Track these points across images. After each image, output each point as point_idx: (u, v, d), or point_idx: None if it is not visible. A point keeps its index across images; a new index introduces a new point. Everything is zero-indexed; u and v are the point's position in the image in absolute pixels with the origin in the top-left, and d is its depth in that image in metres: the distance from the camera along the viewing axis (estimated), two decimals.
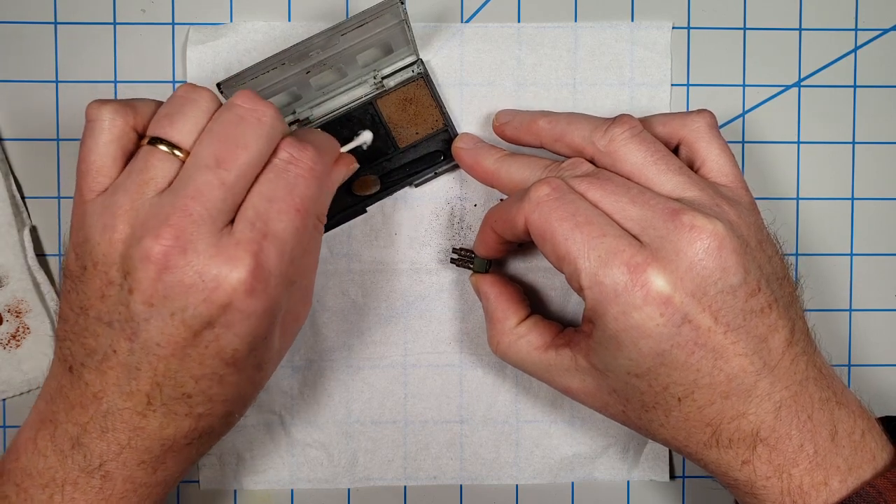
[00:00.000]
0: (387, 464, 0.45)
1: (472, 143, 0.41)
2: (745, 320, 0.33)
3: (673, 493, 0.46)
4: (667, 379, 0.33)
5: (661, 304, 0.32)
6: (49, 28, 0.44)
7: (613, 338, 0.33)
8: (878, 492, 0.32)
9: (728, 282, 0.32)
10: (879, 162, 0.46)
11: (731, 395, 0.33)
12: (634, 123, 0.36)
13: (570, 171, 0.36)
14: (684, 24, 0.45)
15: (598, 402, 0.37)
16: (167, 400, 0.33)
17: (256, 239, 0.32)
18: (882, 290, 0.46)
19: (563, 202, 0.34)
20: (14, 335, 0.44)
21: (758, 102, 0.45)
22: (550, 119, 0.39)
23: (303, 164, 0.34)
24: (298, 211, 0.33)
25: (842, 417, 0.34)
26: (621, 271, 0.32)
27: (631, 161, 0.36)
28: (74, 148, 0.44)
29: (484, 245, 0.40)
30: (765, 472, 0.33)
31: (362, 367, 0.45)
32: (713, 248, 0.32)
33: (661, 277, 0.32)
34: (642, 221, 0.33)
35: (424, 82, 0.44)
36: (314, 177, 0.34)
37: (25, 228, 0.43)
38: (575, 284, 0.34)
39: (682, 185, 0.35)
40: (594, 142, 0.37)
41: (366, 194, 0.44)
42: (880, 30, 0.45)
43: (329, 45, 0.38)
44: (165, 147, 0.33)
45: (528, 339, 0.39)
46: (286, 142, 0.34)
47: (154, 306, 0.31)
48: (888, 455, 0.34)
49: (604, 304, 0.33)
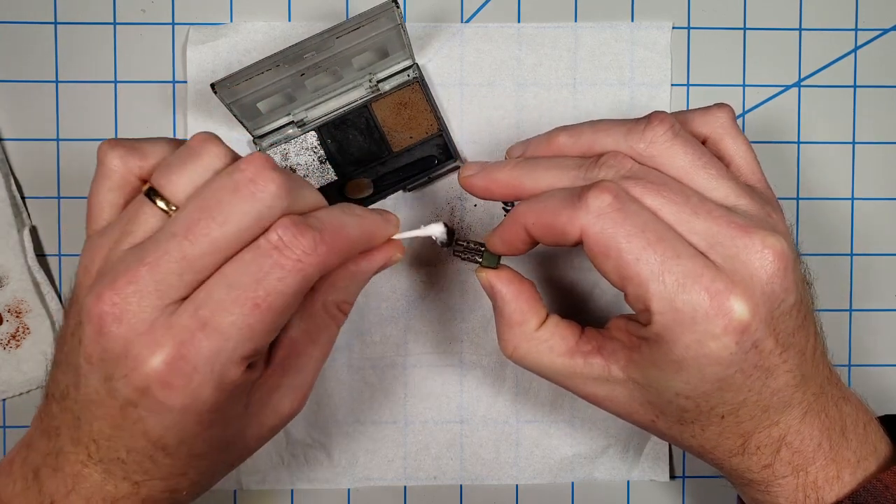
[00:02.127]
0: (387, 464, 0.45)
1: (479, 166, 0.36)
2: (794, 336, 0.32)
3: (673, 493, 0.46)
4: (717, 400, 0.32)
5: (740, 333, 0.30)
6: (49, 28, 0.44)
7: (676, 362, 0.31)
8: (884, 486, 0.33)
9: (788, 302, 0.31)
10: (879, 162, 0.46)
11: (771, 408, 0.32)
12: (673, 121, 0.33)
13: (615, 169, 0.33)
14: (684, 24, 0.45)
15: (624, 410, 0.35)
16: (104, 458, 0.31)
17: (191, 328, 0.28)
18: (882, 290, 0.46)
19: (627, 214, 0.31)
20: (14, 335, 0.44)
21: (758, 102, 0.45)
22: (571, 132, 0.35)
23: (290, 253, 0.29)
24: (258, 306, 0.29)
25: (849, 412, 0.34)
26: (702, 298, 0.30)
27: (677, 165, 0.33)
28: (74, 148, 0.44)
29: (506, 243, 0.35)
30: (783, 472, 0.33)
31: (362, 367, 0.45)
32: (781, 270, 0.31)
33: (743, 305, 0.30)
34: (709, 237, 0.31)
35: (420, 87, 0.44)
36: (299, 270, 0.29)
37: (25, 228, 0.43)
38: (639, 306, 0.31)
39: (733, 193, 0.33)
40: (632, 146, 0.33)
41: (358, 198, 0.44)
42: (880, 30, 0.45)
43: (324, 48, 0.38)
44: (160, 201, 0.30)
45: (551, 343, 0.35)
46: (282, 223, 0.30)
47: (93, 365, 0.29)
48: (887, 447, 0.35)
49: (676, 332, 0.30)
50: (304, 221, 0.30)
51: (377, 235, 0.34)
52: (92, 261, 0.31)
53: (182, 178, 0.30)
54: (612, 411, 0.36)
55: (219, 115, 0.44)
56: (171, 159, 0.31)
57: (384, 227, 0.34)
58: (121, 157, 0.32)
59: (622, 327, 0.34)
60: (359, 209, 0.34)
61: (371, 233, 0.34)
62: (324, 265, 0.30)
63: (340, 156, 0.44)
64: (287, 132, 0.43)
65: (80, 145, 0.44)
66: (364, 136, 0.44)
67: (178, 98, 0.44)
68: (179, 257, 0.29)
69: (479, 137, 0.44)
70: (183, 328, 0.29)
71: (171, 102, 0.44)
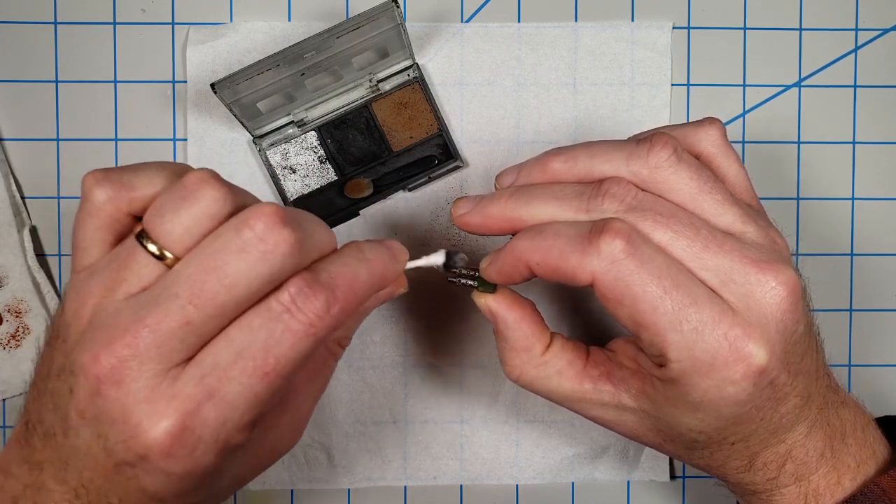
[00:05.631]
0: (387, 464, 0.45)
1: (471, 202, 0.34)
2: (802, 361, 0.32)
3: (673, 493, 0.46)
4: (730, 431, 0.32)
5: (758, 376, 0.30)
6: (49, 28, 0.44)
7: (692, 404, 0.31)
8: (882, 490, 0.33)
9: (799, 332, 0.31)
10: (879, 162, 0.46)
11: (779, 430, 0.32)
12: (676, 144, 0.32)
13: (619, 199, 0.31)
14: (684, 24, 0.45)
15: (632, 433, 0.35)
16: (93, 502, 0.29)
17: (196, 398, 0.27)
18: (882, 290, 0.46)
19: (641, 260, 0.29)
20: (14, 335, 0.44)
21: (758, 102, 0.45)
22: (566, 157, 0.33)
23: (302, 317, 0.27)
24: (267, 375, 0.27)
25: (848, 416, 0.34)
26: (721, 346, 0.29)
27: (682, 191, 0.31)
28: (74, 148, 0.44)
29: (503, 276, 0.33)
30: (786, 482, 0.33)
31: (362, 367, 0.45)
32: (794, 304, 0.30)
33: (761, 350, 0.29)
34: (721, 273, 0.30)
35: (420, 86, 0.44)
36: (311, 335, 0.28)
37: (25, 228, 0.43)
38: (654, 351, 0.30)
39: (739, 219, 0.31)
40: (635, 172, 0.31)
41: (358, 197, 0.44)
42: (880, 30, 0.45)
43: (324, 48, 0.38)
44: (151, 244, 0.28)
45: (558, 368, 0.34)
46: (295, 283, 0.28)
47: (85, 419, 0.28)
48: (885, 450, 0.35)
49: (693, 378, 0.30)
50: (316, 281, 0.28)
51: (387, 278, 0.32)
52: (82, 304, 0.28)
53: (176, 225, 0.28)
54: (619, 433, 0.35)
55: (219, 115, 0.44)
56: (164, 201, 0.28)
57: (393, 267, 0.32)
58: (108, 194, 0.29)
59: (630, 356, 0.34)
60: (368, 249, 0.31)
61: (382, 277, 0.31)
62: (336, 325, 0.28)
63: (340, 156, 0.44)
64: (287, 132, 0.43)
65: (80, 145, 0.44)
66: (364, 135, 0.44)
67: (178, 98, 0.44)
68: (183, 322, 0.27)
69: (479, 137, 0.44)
70: (187, 398, 0.27)
71: (171, 102, 0.44)
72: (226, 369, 0.27)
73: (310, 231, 0.29)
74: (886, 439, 0.35)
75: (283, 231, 0.27)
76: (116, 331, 0.27)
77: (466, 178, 0.44)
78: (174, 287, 0.27)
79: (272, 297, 0.28)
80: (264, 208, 0.27)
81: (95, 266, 0.29)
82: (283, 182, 0.44)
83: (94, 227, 0.29)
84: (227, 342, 0.27)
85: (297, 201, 0.44)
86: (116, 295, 0.28)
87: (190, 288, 0.27)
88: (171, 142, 0.44)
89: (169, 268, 0.28)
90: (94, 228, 0.29)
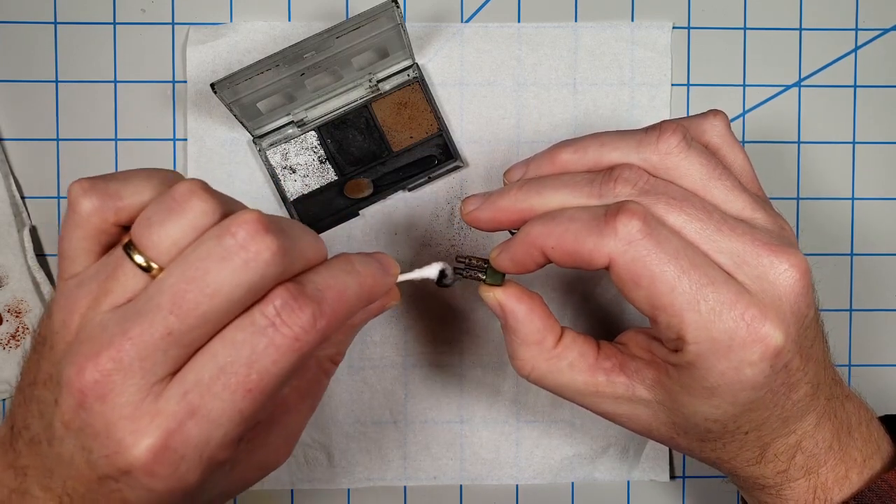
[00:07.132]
0: (387, 464, 0.45)
1: (479, 199, 0.34)
2: (813, 347, 0.32)
3: (673, 493, 0.46)
4: (744, 420, 0.32)
5: (775, 357, 0.30)
6: (49, 28, 0.44)
7: (709, 388, 0.30)
8: (889, 486, 0.33)
9: (810, 317, 0.31)
10: (879, 162, 0.46)
11: (790, 419, 0.32)
12: (685, 131, 0.32)
13: (632, 182, 0.31)
14: (684, 24, 0.45)
15: (644, 428, 0.34)
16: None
17: (179, 415, 0.26)
18: (882, 290, 0.46)
19: (658, 240, 0.29)
20: (14, 335, 0.44)
21: (758, 102, 0.45)
22: (575, 147, 0.33)
23: (287, 330, 0.27)
24: (250, 391, 0.27)
25: (852, 410, 0.35)
26: (738, 326, 0.29)
27: (692, 177, 0.31)
28: (74, 148, 0.44)
29: (517, 264, 0.33)
30: (796, 475, 0.33)
31: (362, 367, 0.45)
32: (805, 287, 0.30)
33: (777, 330, 0.29)
34: (735, 256, 0.30)
35: (420, 86, 0.44)
36: (296, 350, 0.27)
37: (25, 228, 0.43)
38: (671, 334, 0.30)
39: (748, 206, 0.32)
40: (645, 158, 0.32)
41: (358, 197, 0.44)
42: (880, 30, 0.45)
43: (324, 48, 0.38)
44: (138, 255, 0.27)
45: (570, 361, 0.34)
46: (279, 294, 0.27)
47: (70, 431, 0.27)
48: (889, 446, 0.35)
49: (711, 360, 0.30)
50: (302, 293, 0.27)
51: (377, 292, 0.31)
52: (70, 314, 0.28)
53: (163, 237, 0.27)
54: (630, 428, 0.35)
55: (219, 115, 0.44)
56: (151, 212, 0.28)
57: (384, 281, 0.32)
58: (94, 205, 0.29)
59: (643, 346, 0.34)
60: (358, 262, 0.31)
61: (371, 290, 0.31)
62: (322, 340, 0.28)
63: (340, 156, 0.44)
64: (287, 132, 0.43)
65: (80, 145, 0.44)
66: (364, 135, 0.44)
67: (178, 98, 0.44)
68: (165, 333, 0.26)
69: (479, 137, 0.44)
70: (170, 415, 0.26)
71: (171, 102, 0.44)
72: (209, 386, 0.27)
73: (295, 238, 0.28)
74: (889, 436, 0.35)
75: (266, 238, 0.26)
76: (101, 344, 0.27)
77: (466, 178, 0.44)
78: (157, 298, 0.27)
79: (256, 309, 0.27)
80: (246, 215, 0.27)
81: (84, 275, 0.29)
82: (283, 182, 0.44)
83: (80, 238, 0.29)
84: (210, 357, 0.27)
85: (297, 201, 0.44)
86: (103, 306, 0.28)
87: (172, 298, 0.26)
88: (171, 142, 0.44)
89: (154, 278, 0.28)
90: (80, 239, 0.29)
